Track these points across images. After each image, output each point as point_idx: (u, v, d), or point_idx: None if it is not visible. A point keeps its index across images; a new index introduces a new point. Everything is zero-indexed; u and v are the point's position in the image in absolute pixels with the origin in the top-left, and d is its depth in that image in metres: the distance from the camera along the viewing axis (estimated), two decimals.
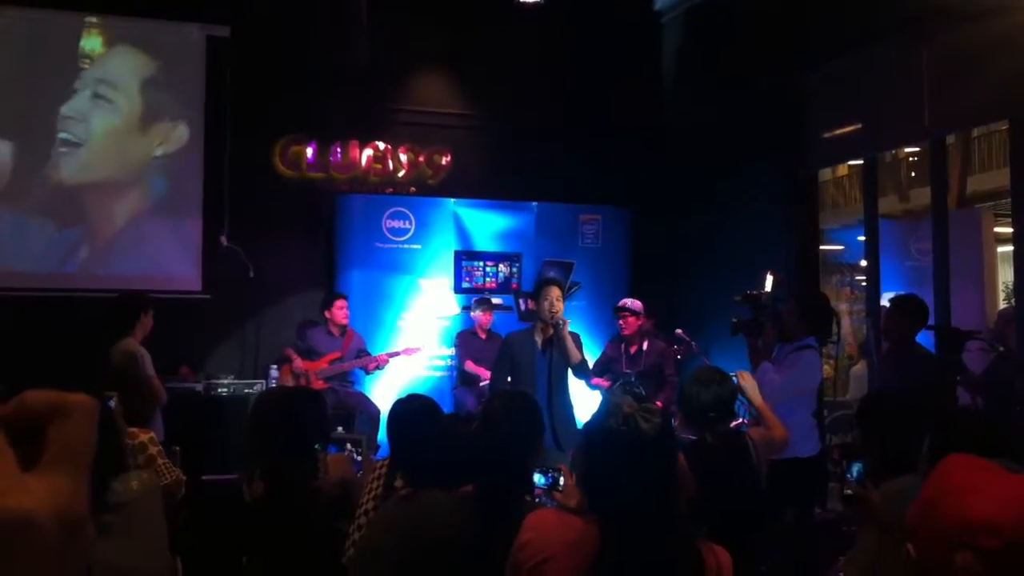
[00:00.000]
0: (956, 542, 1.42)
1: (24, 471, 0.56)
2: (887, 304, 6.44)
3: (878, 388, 6.64)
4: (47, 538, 0.55)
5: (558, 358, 6.29)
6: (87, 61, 9.22)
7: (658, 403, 5.01)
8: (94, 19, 9.24)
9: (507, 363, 6.43)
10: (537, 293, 6.46)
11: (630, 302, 8.35)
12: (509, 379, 6.42)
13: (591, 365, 9.28)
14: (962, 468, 1.54)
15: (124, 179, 9.36)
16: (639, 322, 8.30)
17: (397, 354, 8.86)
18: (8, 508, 0.54)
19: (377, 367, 8.72)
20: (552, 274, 9.66)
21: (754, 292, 5.97)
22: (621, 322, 8.32)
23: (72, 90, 9.11)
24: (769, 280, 6.16)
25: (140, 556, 2.68)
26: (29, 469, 0.57)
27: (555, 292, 6.35)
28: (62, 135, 9.09)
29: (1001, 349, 6.37)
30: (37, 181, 9.06)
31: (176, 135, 9.39)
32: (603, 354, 8.58)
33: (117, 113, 9.30)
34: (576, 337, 6.47)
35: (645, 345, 8.23)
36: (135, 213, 9.34)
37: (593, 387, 7.51)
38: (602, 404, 2.42)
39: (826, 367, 6.70)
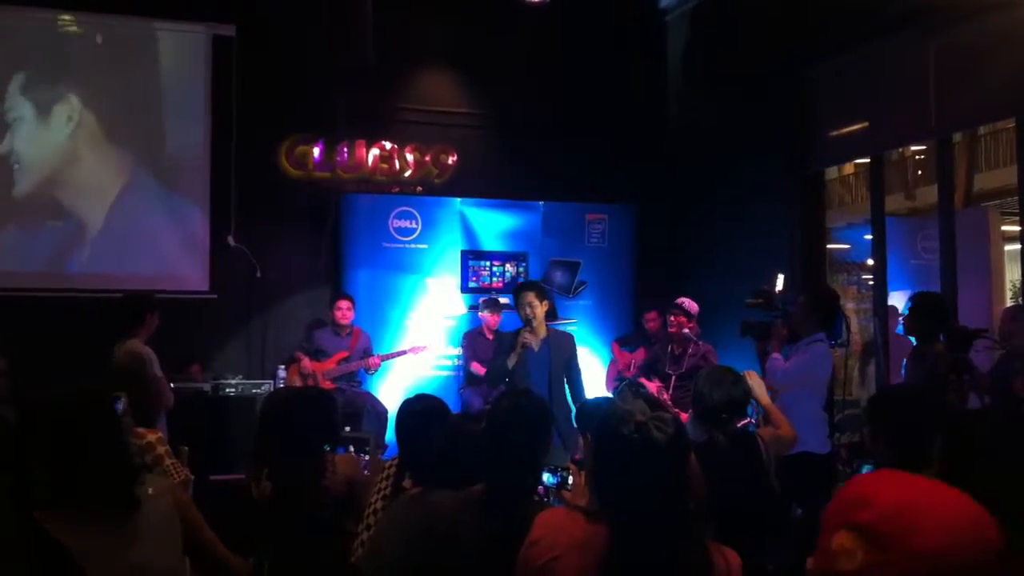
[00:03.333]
0: (834, 524, 1.37)
1: None
2: (909, 302, 6.43)
3: (893, 385, 6.64)
4: None
5: (555, 357, 6.33)
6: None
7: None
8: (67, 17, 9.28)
9: (503, 356, 6.48)
10: (515, 300, 6.59)
11: (688, 302, 8.14)
12: (507, 379, 6.48)
13: (607, 368, 9.36)
14: (879, 471, 1.49)
15: (126, 178, 9.38)
16: (689, 324, 8.14)
17: (404, 352, 8.88)
18: None
19: (371, 369, 8.73)
20: (558, 273, 9.69)
21: (767, 288, 5.97)
22: (672, 319, 8.18)
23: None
24: (780, 280, 6.16)
25: (156, 556, 2.69)
26: None
27: (529, 296, 6.45)
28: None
29: (1004, 349, 6.35)
30: (32, 185, 9.10)
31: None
32: (651, 354, 8.52)
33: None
34: (569, 340, 6.58)
35: (690, 348, 8.09)
36: (141, 213, 9.35)
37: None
38: (610, 407, 2.41)
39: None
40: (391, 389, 8.92)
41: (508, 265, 9.76)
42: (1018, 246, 11.26)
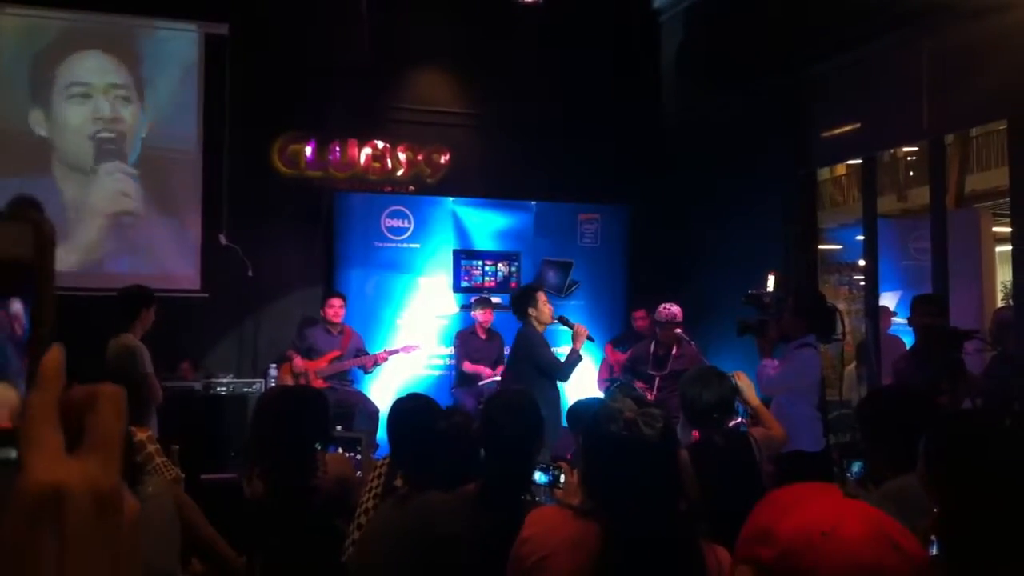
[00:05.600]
0: (739, 556, 1.32)
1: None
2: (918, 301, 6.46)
3: (886, 385, 6.66)
4: (80, 510, 0.61)
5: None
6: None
7: None
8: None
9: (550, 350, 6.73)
10: (534, 301, 6.68)
11: (678, 312, 7.93)
12: (505, 376, 6.62)
13: (598, 368, 9.41)
14: (795, 486, 1.43)
15: (120, 176, 9.37)
16: (677, 330, 8.07)
17: (396, 351, 8.85)
18: (43, 482, 0.61)
19: (375, 364, 8.72)
20: (551, 273, 9.70)
21: (756, 292, 6.00)
22: (661, 331, 8.00)
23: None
24: (771, 280, 6.18)
25: (153, 557, 2.69)
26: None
27: (543, 296, 6.73)
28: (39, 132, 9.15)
29: (996, 351, 6.37)
30: (28, 181, 9.08)
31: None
32: (632, 354, 8.48)
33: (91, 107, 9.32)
34: None
35: (675, 350, 8.04)
36: (133, 211, 9.33)
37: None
38: (601, 407, 2.42)
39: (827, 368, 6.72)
40: (383, 388, 8.90)
41: (500, 265, 9.76)
42: (1009, 247, 11.28)
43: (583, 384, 8.98)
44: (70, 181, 9.22)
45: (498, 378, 8.53)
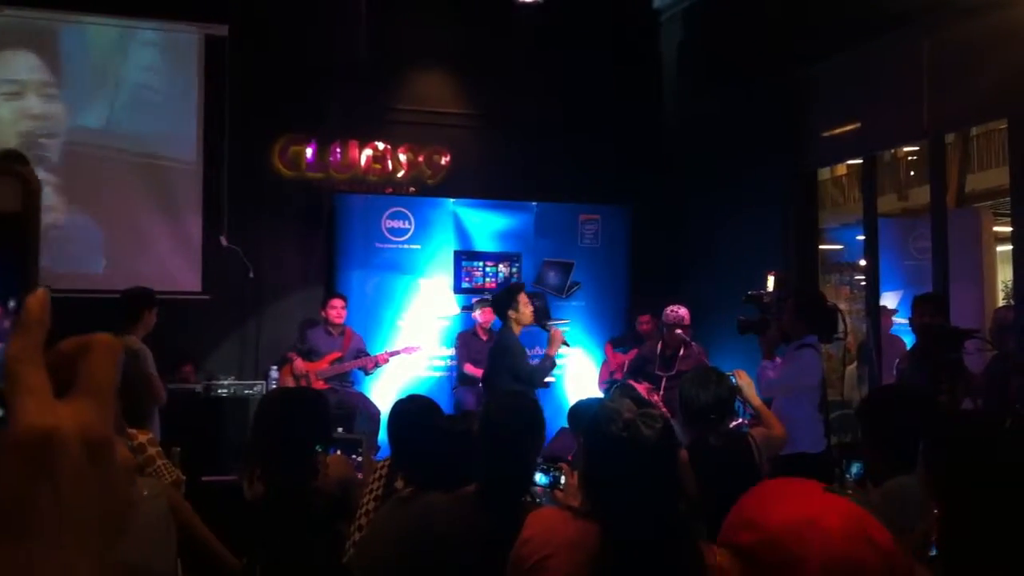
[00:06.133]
0: (721, 542, 1.34)
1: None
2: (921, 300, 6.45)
3: (886, 386, 6.66)
4: (72, 456, 0.60)
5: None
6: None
7: None
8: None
9: (526, 356, 6.63)
10: (515, 303, 6.57)
11: (685, 315, 7.93)
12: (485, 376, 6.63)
13: (599, 369, 9.39)
14: (778, 480, 1.45)
15: (119, 178, 9.36)
16: (679, 331, 8.06)
17: (397, 353, 8.85)
18: (35, 427, 0.60)
19: (376, 366, 8.72)
20: (551, 274, 9.70)
21: (756, 292, 6.01)
22: (678, 332, 7.95)
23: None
24: (771, 281, 6.18)
25: (150, 558, 2.69)
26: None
27: (525, 297, 6.62)
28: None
29: (996, 350, 6.37)
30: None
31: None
32: (639, 353, 8.46)
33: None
34: None
35: (682, 351, 8.04)
36: (133, 213, 9.33)
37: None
38: (600, 407, 2.42)
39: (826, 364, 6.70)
40: (384, 390, 8.90)
41: (501, 266, 9.75)
42: (1010, 247, 11.28)
43: (584, 385, 9.00)
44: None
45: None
